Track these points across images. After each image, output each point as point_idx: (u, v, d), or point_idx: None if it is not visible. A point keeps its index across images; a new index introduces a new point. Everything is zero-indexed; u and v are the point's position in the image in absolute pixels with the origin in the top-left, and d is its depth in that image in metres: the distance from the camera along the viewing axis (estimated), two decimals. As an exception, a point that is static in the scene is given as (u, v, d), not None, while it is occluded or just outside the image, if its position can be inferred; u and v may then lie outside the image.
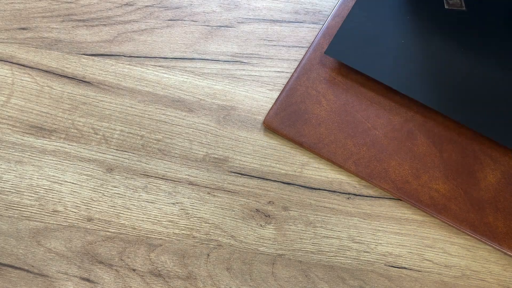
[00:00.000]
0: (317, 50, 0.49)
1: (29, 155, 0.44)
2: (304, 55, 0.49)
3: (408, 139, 0.45)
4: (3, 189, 0.43)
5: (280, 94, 0.47)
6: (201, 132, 0.46)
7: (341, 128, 0.46)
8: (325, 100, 0.47)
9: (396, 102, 0.47)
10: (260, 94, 0.48)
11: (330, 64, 0.49)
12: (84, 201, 0.43)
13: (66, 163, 0.44)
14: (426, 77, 0.48)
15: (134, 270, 0.41)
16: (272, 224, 0.43)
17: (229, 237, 0.42)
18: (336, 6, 0.51)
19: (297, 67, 0.48)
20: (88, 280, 0.40)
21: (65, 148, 0.45)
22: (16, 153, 0.44)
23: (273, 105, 0.47)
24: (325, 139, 0.45)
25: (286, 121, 0.46)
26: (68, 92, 0.47)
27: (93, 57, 0.49)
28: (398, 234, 0.43)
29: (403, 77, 0.47)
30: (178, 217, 0.43)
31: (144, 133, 0.46)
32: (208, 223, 0.43)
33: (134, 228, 0.42)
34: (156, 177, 0.44)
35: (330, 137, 0.45)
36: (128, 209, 0.43)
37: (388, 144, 0.45)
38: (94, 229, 0.42)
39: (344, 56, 0.48)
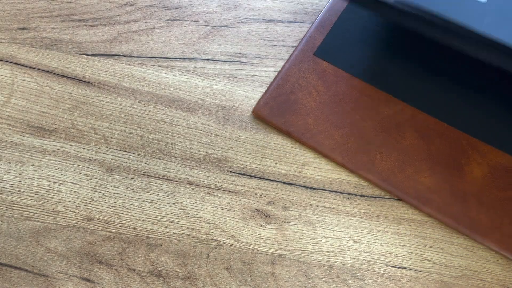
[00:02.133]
0: (309, 42, 0.49)
1: (29, 155, 0.44)
2: (297, 46, 0.49)
3: (396, 132, 0.46)
4: (3, 189, 0.43)
5: (270, 84, 0.47)
6: (201, 132, 0.46)
7: (330, 119, 0.46)
8: (315, 91, 0.47)
9: (386, 95, 0.47)
10: (260, 94, 0.48)
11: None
12: (84, 201, 0.43)
13: (66, 163, 0.44)
14: (412, 79, 0.48)
15: (134, 270, 0.41)
16: (272, 224, 0.43)
17: (229, 237, 0.42)
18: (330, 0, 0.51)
19: (289, 58, 0.48)
20: (88, 280, 0.40)
21: (65, 148, 0.45)
22: (16, 153, 0.44)
23: (263, 95, 0.47)
24: (313, 129, 0.45)
25: (275, 110, 0.46)
26: (68, 92, 0.47)
27: (93, 57, 0.49)
28: (398, 234, 0.43)
29: (390, 79, 0.48)
30: (178, 217, 0.43)
31: (144, 133, 0.46)
32: (208, 223, 0.43)
33: (134, 228, 0.42)
34: (156, 177, 0.44)
35: (318, 127, 0.45)
36: (128, 209, 0.43)
37: (376, 136, 0.45)
38: (94, 229, 0.42)
39: (333, 58, 0.48)
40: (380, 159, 0.44)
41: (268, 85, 0.48)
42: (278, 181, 0.45)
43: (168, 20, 0.51)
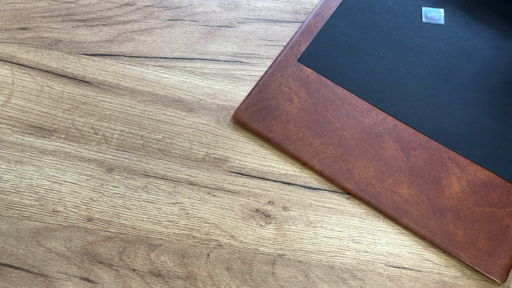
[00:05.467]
0: (294, 47, 0.49)
1: (29, 155, 0.44)
2: (281, 52, 0.49)
3: (376, 142, 0.45)
4: (3, 189, 0.43)
5: (252, 88, 0.47)
6: (201, 132, 0.46)
7: (310, 127, 0.46)
8: (296, 98, 0.47)
9: (369, 104, 0.47)
10: (260, 94, 0.48)
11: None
12: (84, 201, 0.43)
13: (66, 163, 0.44)
14: (395, 89, 0.48)
15: (134, 270, 0.41)
16: (272, 224, 0.43)
17: (229, 237, 0.42)
18: (318, 5, 0.51)
19: (272, 63, 0.48)
20: (88, 280, 0.40)
21: (65, 148, 0.45)
22: (16, 153, 0.44)
23: (244, 99, 0.46)
24: (292, 136, 0.45)
25: (256, 116, 0.46)
26: (68, 92, 0.47)
27: (93, 57, 0.49)
28: (398, 234, 0.43)
29: (373, 88, 0.48)
30: (178, 217, 0.43)
31: (144, 133, 0.46)
32: (208, 223, 0.43)
33: (134, 228, 0.42)
34: (156, 177, 0.44)
35: (298, 134, 0.45)
36: (128, 209, 0.43)
37: (356, 145, 0.45)
38: (94, 229, 0.42)
39: (316, 65, 0.48)
40: (358, 169, 0.44)
41: (250, 90, 0.47)
42: (278, 181, 0.45)
43: (168, 20, 0.51)
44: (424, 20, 0.51)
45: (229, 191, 0.44)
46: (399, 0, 0.52)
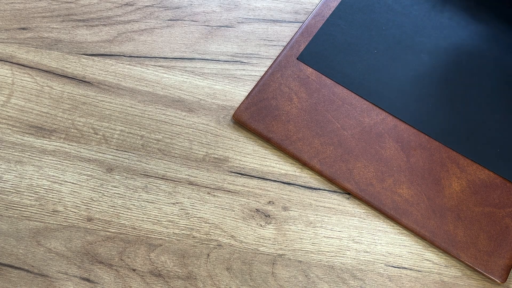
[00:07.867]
0: (294, 48, 0.49)
1: (29, 155, 0.44)
2: (281, 52, 0.49)
3: (376, 142, 0.45)
4: (3, 189, 0.43)
5: (252, 88, 0.47)
6: (201, 132, 0.46)
7: (310, 127, 0.46)
8: (296, 98, 0.47)
9: (369, 104, 0.47)
10: (260, 94, 0.48)
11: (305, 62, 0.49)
12: (84, 201, 0.43)
13: (66, 163, 0.44)
14: (394, 88, 0.48)
15: (134, 270, 0.41)
16: (272, 224, 0.43)
17: (229, 237, 0.42)
18: (318, 5, 0.51)
19: (272, 63, 0.48)
20: (88, 280, 0.40)
21: (65, 148, 0.45)
22: (16, 153, 0.44)
23: (244, 99, 0.46)
24: (292, 136, 0.45)
25: (256, 116, 0.46)
26: (68, 92, 0.47)
27: (93, 57, 0.49)
28: (398, 234, 0.43)
29: (372, 86, 0.48)
30: (178, 217, 0.43)
31: (144, 133, 0.46)
32: (208, 223, 0.43)
33: (134, 228, 0.42)
34: (156, 177, 0.44)
35: (298, 134, 0.45)
36: (128, 209, 0.43)
37: (356, 145, 0.45)
38: (94, 229, 0.42)
39: (316, 63, 0.48)
40: (358, 169, 0.44)
41: (250, 90, 0.47)
42: (278, 181, 0.45)
43: (168, 20, 0.51)
44: None
45: (229, 191, 0.44)
46: None
